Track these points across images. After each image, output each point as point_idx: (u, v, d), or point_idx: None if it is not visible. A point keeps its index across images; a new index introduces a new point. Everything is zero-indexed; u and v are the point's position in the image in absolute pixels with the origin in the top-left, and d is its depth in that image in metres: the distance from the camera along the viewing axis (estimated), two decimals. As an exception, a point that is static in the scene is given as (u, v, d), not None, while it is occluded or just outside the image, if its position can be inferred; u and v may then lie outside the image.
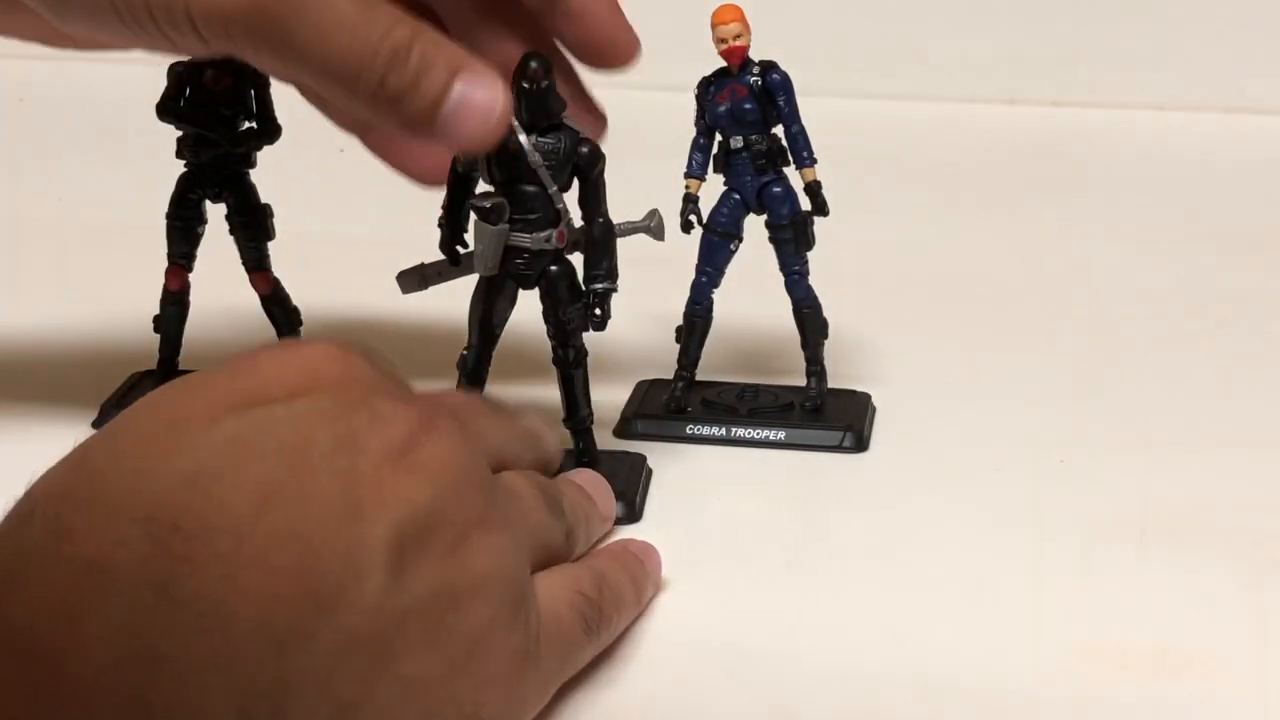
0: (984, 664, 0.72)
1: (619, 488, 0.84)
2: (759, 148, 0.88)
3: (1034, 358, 1.04)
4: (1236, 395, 0.99)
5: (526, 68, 0.80)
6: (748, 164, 0.89)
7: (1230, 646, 0.73)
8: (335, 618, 0.51)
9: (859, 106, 1.41)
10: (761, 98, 0.88)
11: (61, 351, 1.02)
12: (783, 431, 0.90)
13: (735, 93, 0.88)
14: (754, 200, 0.90)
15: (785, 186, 0.89)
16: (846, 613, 0.76)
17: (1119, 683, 0.70)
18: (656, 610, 0.75)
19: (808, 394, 0.92)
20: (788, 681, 0.70)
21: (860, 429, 0.90)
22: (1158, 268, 1.19)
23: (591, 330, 0.83)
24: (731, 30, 0.87)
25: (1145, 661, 0.72)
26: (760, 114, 0.88)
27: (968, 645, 0.73)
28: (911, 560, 0.80)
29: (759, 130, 0.88)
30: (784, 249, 0.90)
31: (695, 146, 0.90)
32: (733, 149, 0.89)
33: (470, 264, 0.84)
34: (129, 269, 0.99)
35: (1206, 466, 0.89)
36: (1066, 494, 0.87)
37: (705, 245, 0.91)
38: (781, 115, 0.88)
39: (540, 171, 0.81)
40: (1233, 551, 0.81)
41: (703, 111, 0.89)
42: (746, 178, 0.89)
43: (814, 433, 0.90)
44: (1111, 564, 0.80)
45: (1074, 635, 0.73)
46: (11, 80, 1.51)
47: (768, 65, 0.88)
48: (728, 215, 0.90)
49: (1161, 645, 0.73)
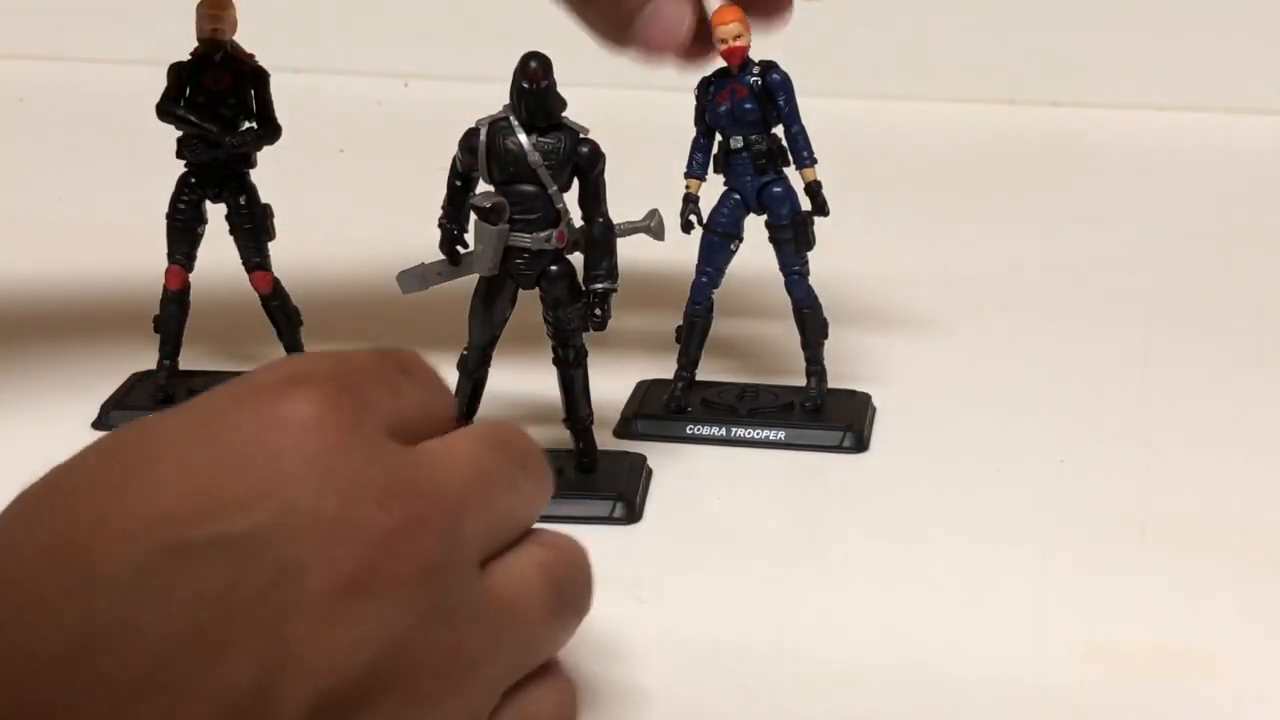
0: (984, 664, 0.72)
1: (619, 488, 0.84)
2: (759, 148, 0.88)
3: (1034, 358, 1.04)
4: (1237, 395, 0.99)
5: (526, 68, 0.80)
6: (748, 164, 0.89)
7: (1230, 646, 0.73)
8: None
9: (859, 106, 1.41)
10: (762, 98, 0.88)
11: (61, 351, 1.02)
12: (783, 431, 0.90)
13: (735, 93, 0.88)
14: (754, 200, 0.90)
15: (785, 186, 0.89)
16: (846, 613, 0.76)
17: (1119, 682, 0.70)
18: (657, 610, 0.75)
19: (808, 394, 0.92)
20: (788, 681, 0.70)
21: (860, 429, 0.90)
22: (1158, 267, 1.19)
23: (592, 330, 0.83)
24: (731, 30, 0.86)
25: (1145, 661, 0.72)
26: (760, 114, 0.88)
27: (968, 645, 0.73)
28: (911, 560, 0.80)
29: (759, 130, 0.88)
30: (784, 249, 0.90)
31: (695, 146, 0.90)
32: (733, 149, 0.89)
33: (470, 264, 0.84)
34: (129, 269, 0.99)
35: (1206, 466, 0.89)
36: (1066, 494, 0.86)
37: (705, 245, 0.91)
38: (781, 115, 0.88)
39: (540, 171, 0.81)
40: (1233, 551, 0.81)
41: (703, 111, 0.89)
42: (746, 178, 0.89)
43: (814, 433, 0.90)
44: (1111, 564, 0.80)
45: (1074, 635, 0.73)
46: (11, 80, 1.51)
47: (768, 65, 0.88)
48: (728, 215, 0.90)
49: (1161, 645, 0.73)
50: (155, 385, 0.93)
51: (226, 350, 1.00)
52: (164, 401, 0.92)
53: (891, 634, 0.74)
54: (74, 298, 1.10)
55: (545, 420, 0.88)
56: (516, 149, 0.81)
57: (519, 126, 0.81)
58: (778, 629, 0.74)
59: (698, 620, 0.75)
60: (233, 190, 0.93)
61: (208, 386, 0.91)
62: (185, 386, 0.93)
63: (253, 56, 0.91)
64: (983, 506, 0.85)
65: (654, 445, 0.89)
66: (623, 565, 0.78)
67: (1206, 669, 0.71)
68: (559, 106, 0.81)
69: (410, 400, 0.54)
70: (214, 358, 0.99)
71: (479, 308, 0.84)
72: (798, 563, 0.80)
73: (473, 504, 0.52)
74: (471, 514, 0.52)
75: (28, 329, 1.05)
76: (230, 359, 0.99)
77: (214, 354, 0.99)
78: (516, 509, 0.56)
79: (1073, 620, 0.75)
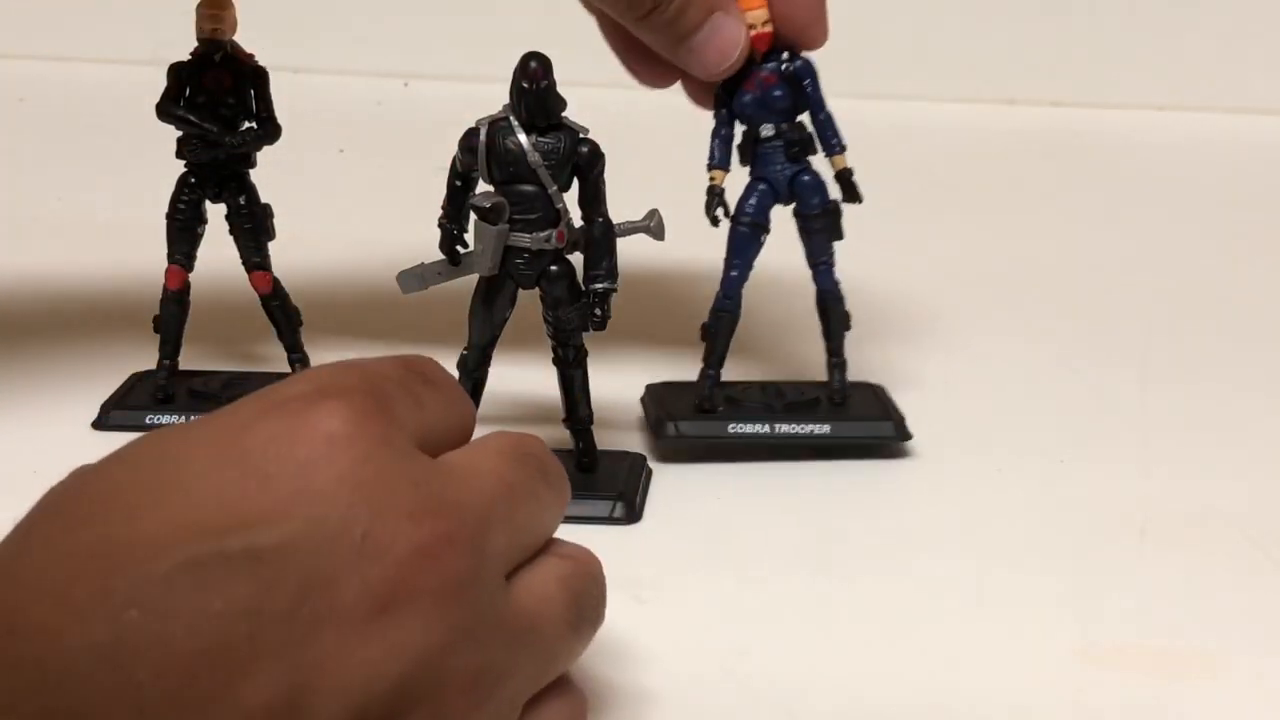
0: (985, 663, 0.72)
1: (619, 488, 0.84)
2: (792, 136, 0.87)
3: (1033, 357, 1.04)
4: (1236, 395, 0.99)
5: (526, 67, 0.80)
6: (779, 152, 0.87)
7: (1230, 646, 0.73)
8: None
9: (859, 106, 1.40)
10: (791, 83, 0.86)
11: (61, 351, 1.02)
12: (827, 425, 0.88)
13: (763, 80, 0.86)
14: (785, 189, 0.87)
15: (816, 175, 0.88)
16: (845, 612, 0.76)
17: (1119, 683, 0.70)
18: (656, 609, 0.75)
19: (832, 387, 0.90)
20: (787, 681, 0.70)
21: (900, 419, 0.89)
22: (1157, 267, 1.19)
23: (592, 330, 0.83)
24: (759, 16, 0.85)
25: (1145, 661, 0.72)
26: (790, 100, 0.86)
27: (968, 645, 0.73)
28: (911, 560, 0.80)
29: (789, 118, 0.87)
30: (815, 239, 0.88)
31: (716, 137, 0.88)
32: (762, 137, 0.87)
33: (470, 264, 0.84)
34: (129, 269, 0.99)
35: (1206, 466, 0.89)
36: (1067, 494, 0.86)
37: (734, 238, 0.88)
38: (809, 101, 0.87)
39: (540, 171, 0.81)
40: (1233, 551, 0.81)
41: (726, 100, 0.87)
42: (777, 166, 0.87)
43: (859, 424, 0.88)
44: (1111, 564, 0.80)
45: (1074, 635, 0.73)
46: (11, 80, 1.51)
47: (792, 50, 0.87)
48: (756, 206, 0.88)
49: (1161, 645, 0.73)
50: (155, 385, 0.93)
51: (226, 350, 1.00)
52: (164, 401, 0.92)
53: (891, 632, 0.74)
54: (74, 297, 1.10)
55: (545, 420, 0.88)
56: (516, 149, 0.81)
57: (519, 126, 0.81)
58: (777, 628, 0.74)
59: (698, 620, 0.75)
60: (232, 190, 0.93)
61: (208, 386, 0.93)
62: (185, 386, 0.93)
63: (252, 56, 0.91)
64: (983, 506, 0.85)
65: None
66: (623, 565, 0.77)
67: (1206, 669, 0.71)
68: (559, 106, 0.81)
69: (434, 412, 0.54)
70: (214, 357, 0.99)
71: (479, 308, 0.84)
72: (798, 562, 0.80)
73: (498, 519, 0.52)
74: (497, 528, 0.52)
75: (28, 329, 1.05)
76: (230, 359, 0.99)
77: (214, 354, 0.99)
78: (538, 522, 0.56)
79: (1072, 620, 0.75)
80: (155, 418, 0.91)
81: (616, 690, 0.69)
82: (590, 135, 0.82)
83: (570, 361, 0.84)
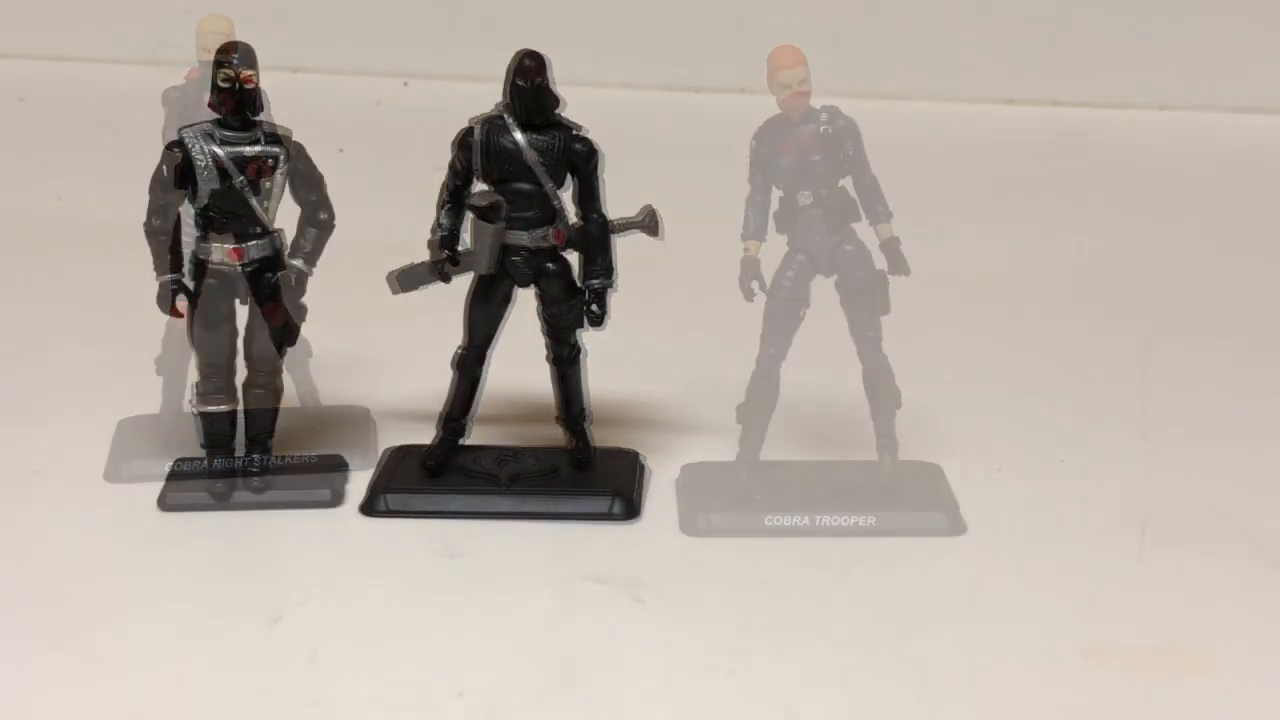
0: (985, 662, 0.72)
1: (616, 484, 0.84)
2: (832, 203, 0.82)
3: (1033, 357, 1.04)
4: (1236, 394, 0.99)
5: (521, 65, 0.80)
6: (818, 221, 0.82)
7: (1230, 647, 0.73)
8: None
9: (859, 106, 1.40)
10: (831, 147, 0.82)
11: (61, 351, 1.02)
12: (873, 516, 0.82)
13: (800, 144, 0.82)
14: (826, 261, 0.83)
15: (860, 245, 0.83)
16: (844, 609, 0.76)
17: (1119, 682, 0.70)
18: (657, 610, 0.75)
19: (881, 469, 0.85)
20: (787, 681, 0.70)
21: (954, 508, 0.83)
22: (1157, 267, 1.19)
23: (589, 327, 0.83)
24: (796, 75, 0.81)
25: (1145, 661, 0.72)
26: (831, 166, 0.82)
27: (968, 644, 0.73)
28: (911, 560, 0.80)
29: (828, 184, 0.82)
30: (859, 313, 0.84)
31: (751, 205, 0.83)
32: (801, 205, 0.83)
33: (467, 263, 0.84)
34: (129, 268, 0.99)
35: (1206, 466, 0.89)
36: (1067, 494, 0.87)
37: (771, 313, 0.84)
38: (852, 164, 0.82)
39: (536, 169, 0.81)
40: (1233, 551, 0.81)
41: (761, 165, 0.83)
42: (817, 236, 0.83)
43: (908, 516, 0.83)
44: (1112, 564, 0.80)
45: (1075, 635, 0.73)
46: (11, 80, 1.51)
47: (833, 111, 0.83)
48: (794, 279, 0.83)
49: (1161, 645, 0.73)
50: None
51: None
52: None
53: (891, 631, 0.74)
54: (74, 296, 1.11)
55: (540, 418, 0.88)
56: (512, 147, 0.81)
57: (514, 124, 0.81)
58: (777, 626, 0.74)
59: (698, 620, 0.75)
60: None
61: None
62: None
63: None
64: (982, 506, 0.85)
65: (655, 447, 0.89)
66: (623, 565, 0.78)
67: (1206, 669, 0.71)
68: (553, 104, 0.81)
69: None
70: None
71: (476, 306, 0.84)
72: (798, 562, 0.80)
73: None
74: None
75: (27, 328, 1.05)
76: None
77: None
78: None
79: (1073, 620, 0.75)
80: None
81: (614, 689, 0.69)
82: (585, 133, 0.82)
83: (566, 359, 0.85)
